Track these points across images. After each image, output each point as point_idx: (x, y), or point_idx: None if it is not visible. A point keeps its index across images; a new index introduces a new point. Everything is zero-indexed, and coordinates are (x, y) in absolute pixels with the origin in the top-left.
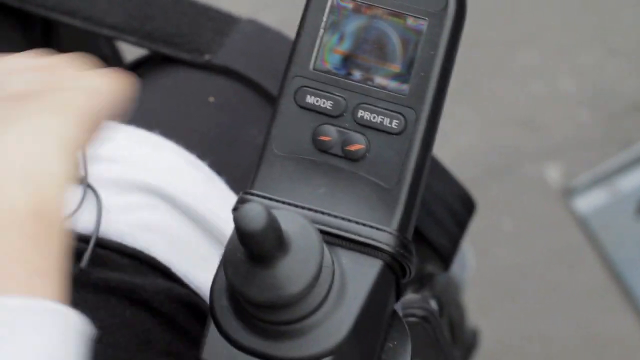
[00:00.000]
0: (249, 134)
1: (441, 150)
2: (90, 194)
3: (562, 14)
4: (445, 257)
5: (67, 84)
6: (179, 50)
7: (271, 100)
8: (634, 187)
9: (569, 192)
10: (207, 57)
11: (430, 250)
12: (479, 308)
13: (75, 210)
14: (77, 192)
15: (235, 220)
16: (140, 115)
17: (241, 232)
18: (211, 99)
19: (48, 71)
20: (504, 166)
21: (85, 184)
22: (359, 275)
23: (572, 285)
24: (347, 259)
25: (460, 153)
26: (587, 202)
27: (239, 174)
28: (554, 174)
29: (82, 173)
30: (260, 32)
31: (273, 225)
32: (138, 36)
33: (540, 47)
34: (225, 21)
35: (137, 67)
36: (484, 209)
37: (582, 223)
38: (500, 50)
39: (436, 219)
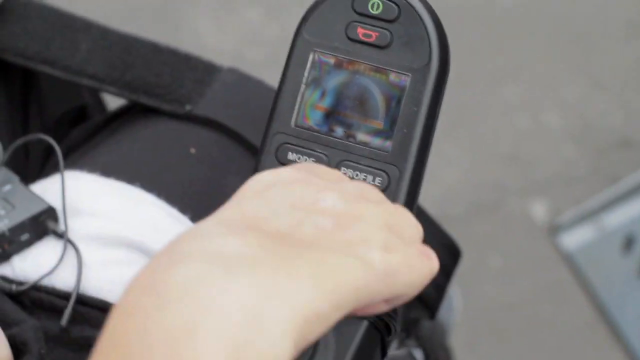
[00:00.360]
0: (231, 186)
1: (427, 187)
2: (70, 249)
3: (546, 48)
4: (431, 305)
5: (370, 243)
6: (159, 100)
7: (253, 150)
8: (621, 223)
9: (555, 229)
10: (188, 107)
11: (416, 299)
12: (466, 345)
13: (55, 267)
14: (57, 247)
15: None
16: (121, 167)
17: None
18: (192, 150)
19: (356, 212)
20: (490, 203)
21: (65, 239)
22: (344, 335)
23: (560, 322)
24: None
25: (446, 190)
26: (574, 239)
27: None
28: (540, 210)
29: (62, 228)
30: (242, 82)
31: None
32: (118, 86)
33: (524, 82)
34: (206, 70)
35: (117, 117)
36: (470, 246)
37: (569, 260)
38: (484, 85)
39: None
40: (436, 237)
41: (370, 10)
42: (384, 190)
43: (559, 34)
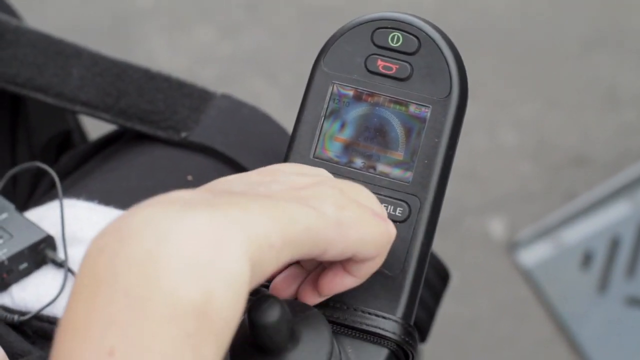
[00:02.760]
0: None
1: None
2: (71, 278)
3: (501, 67)
4: (422, 328)
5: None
6: (154, 127)
7: None
8: (578, 239)
9: (513, 246)
10: (183, 134)
11: None
12: None
13: (57, 296)
14: (57, 276)
15: (249, 310)
16: (119, 195)
17: (254, 323)
18: (189, 178)
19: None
20: (448, 220)
21: (65, 268)
22: None
23: (519, 338)
24: (353, 347)
25: None
26: (532, 255)
27: None
28: (497, 227)
29: (62, 256)
30: (236, 108)
31: (285, 318)
32: (112, 113)
33: (480, 101)
34: (200, 97)
35: (109, 143)
36: None
37: (528, 276)
38: None
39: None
40: (432, 264)
41: (390, 43)
42: (405, 220)
43: (513, 52)
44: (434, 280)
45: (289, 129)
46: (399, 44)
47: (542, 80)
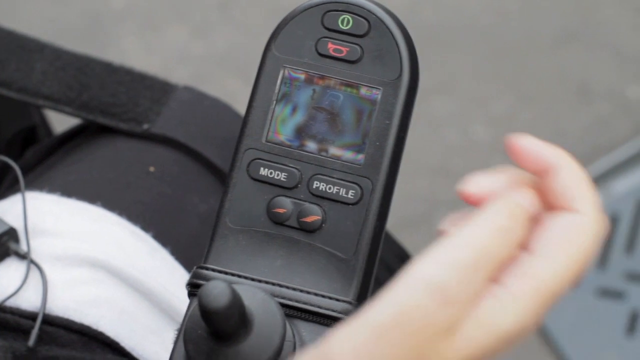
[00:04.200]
0: (191, 203)
1: None
2: (34, 269)
3: (473, 62)
4: None
5: None
6: (116, 120)
7: (212, 167)
8: None
9: None
10: (145, 126)
11: None
12: None
13: (20, 287)
14: (20, 268)
15: (199, 297)
16: (81, 187)
17: (205, 310)
18: (151, 169)
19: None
20: (420, 216)
21: (28, 259)
22: None
23: None
24: (307, 330)
25: None
26: None
27: (183, 243)
28: None
29: (25, 248)
30: (197, 99)
31: (237, 303)
32: (74, 106)
33: (453, 96)
34: (162, 89)
35: (73, 137)
36: None
37: None
38: None
39: (378, 281)
40: (391, 248)
41: (340, 25)
42: (357, 202)
43: (485, 47)
44: (395, 265)
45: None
46: (349, 26)
47: (514, 75)
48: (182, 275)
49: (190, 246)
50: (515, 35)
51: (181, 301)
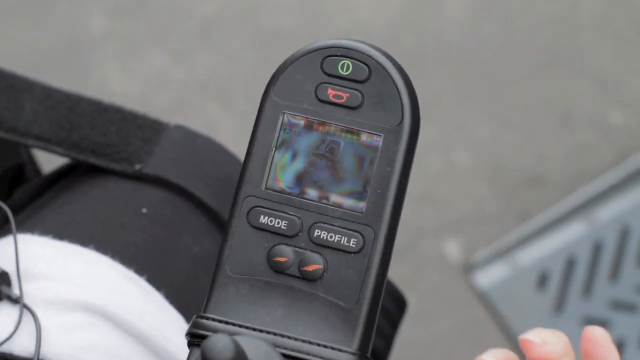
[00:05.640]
0: (184, 244)
1: None
2: (27, 314)
3: (455, 88)
4: (380, 357)
5: None
6: (108, 160)
7: (205, 208)
8: (534, 260)
9: (469, 267)
10: (137, 166)
11: None
12: None
13: (13, 333)
14: (12, 312)
15: (203, 351)
16: (74, 229)
17: None
18: (144, 210)
19: None
20: (404, 243)
21: (21, 304)
22: None
23: None
24: None
25: None
26: (488, 277)
27: (177, 286)
28: (454, 249)
29: (17, 292)
30: (189, 138)
31: (241, 356)
32: (65, 147)
33: (434, 122)
34: (153, 128)
35: (61, 177)
36: None
37: (484, 298)
38: None
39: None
40: (388, 291)
41: (340, 71)
42: (359, 251)
43: (466, 74)
44: (390, 307)
45: (244, 156)
46: (349, 72)
47: (496, 101)
48: (176, 320)
49: (184, 289)
50: (496, 60)
51: (176, 346)
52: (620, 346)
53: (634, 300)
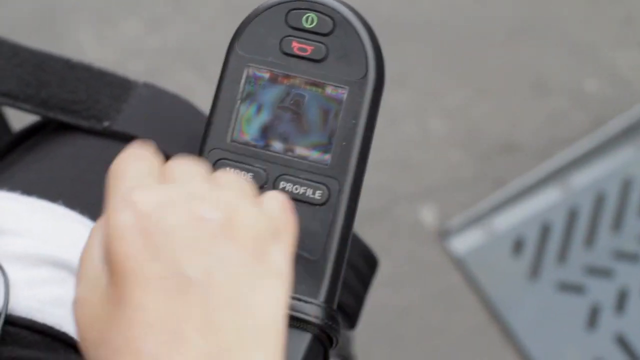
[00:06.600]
0: None
1: None
2: None
3: (428, 55)
4: (351, 315)
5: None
6: (76, 117)
7: None
8: (509, 226)
9: (444, 233)
10: (105, 123)
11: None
12: (361, 353)
13: None
14: None
15: None
16: (42, 185)
17: None
18: None
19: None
20: (378, 208)
21: None
22: (289, 349)
23: (452, 325)
24: None
25: None
26: (463, 243)
27: None
28: (429, 215)
29: None
30: (158, 96)
31: None
32: (33, 104)
33: (409, 89)
34: (122, 86)
35: (31, 134)
36: None
37: (459, 264)
38: None
39: (343, 280)
40: (354, 246)
41: (305, 24)
42: (324, 203)
43: (441, 41)
44: (361, 266)
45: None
46: (314, 24)
47: (470, 68)
48: None
49: None
50: (469, 28)
51: None
52: (595, 313)
53: (636, 250)
